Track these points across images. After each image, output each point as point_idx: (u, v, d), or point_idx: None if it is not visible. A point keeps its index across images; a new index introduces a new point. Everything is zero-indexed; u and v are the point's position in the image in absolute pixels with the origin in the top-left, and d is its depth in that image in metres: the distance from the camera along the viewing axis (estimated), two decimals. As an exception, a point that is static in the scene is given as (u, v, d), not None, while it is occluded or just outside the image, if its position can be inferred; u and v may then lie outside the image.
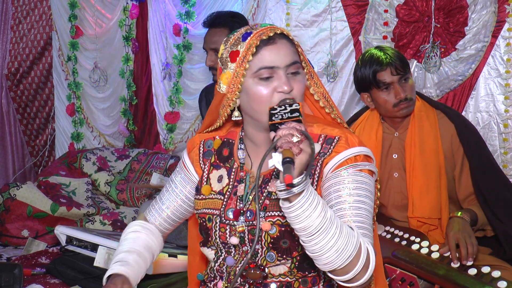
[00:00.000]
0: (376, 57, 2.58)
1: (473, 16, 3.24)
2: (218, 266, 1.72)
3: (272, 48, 1.60)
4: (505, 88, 3.19)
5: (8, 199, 3.74)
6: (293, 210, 1.40)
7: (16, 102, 5.34)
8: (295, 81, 1.60)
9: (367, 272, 1.46)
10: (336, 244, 1.41)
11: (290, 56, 1.60)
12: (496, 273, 2.17)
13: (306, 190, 1.40)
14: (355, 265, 1.44)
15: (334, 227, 1.42)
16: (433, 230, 2.59)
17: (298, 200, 1.39)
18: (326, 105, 1.70)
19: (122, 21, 4.64)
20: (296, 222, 1.42)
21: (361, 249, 1.44)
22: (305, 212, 1.40)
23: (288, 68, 1.59)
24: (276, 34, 1.61)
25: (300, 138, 1.40)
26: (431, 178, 2.58)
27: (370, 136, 2.71)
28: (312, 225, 1.40)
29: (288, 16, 3.83)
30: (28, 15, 5.23)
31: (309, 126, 1.68)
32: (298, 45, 1.65)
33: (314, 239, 1.42)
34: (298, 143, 1.39)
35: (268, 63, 1.59)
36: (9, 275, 2.56)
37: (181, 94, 4.46)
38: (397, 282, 2.29)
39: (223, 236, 1.69)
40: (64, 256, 2.89)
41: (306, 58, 1.68)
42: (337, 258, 1.42)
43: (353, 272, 1.44)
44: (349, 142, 1.62)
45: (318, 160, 1.63)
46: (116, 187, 4.11)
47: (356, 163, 1.58)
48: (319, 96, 1.69)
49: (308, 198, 1.40)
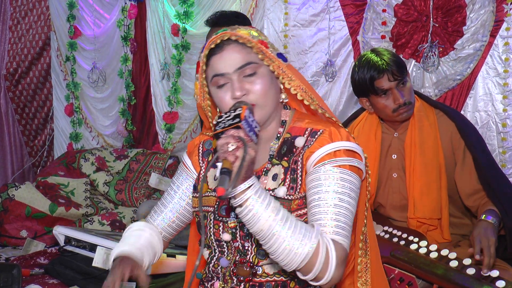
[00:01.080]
0: (372, 63, 2.55)
1: (471, 15, 3.24)
2: (213, 267, 1.73)
3: (220, 56, 1.62)
4: (503, 88, 3.19)
5: (6, 200, 3.74)
6: (244, 215, 1.44)
7: (15, 102, 5.34)
8: (252, 83, 1.61)
9: (328, 269, 1.45)
10: (290, 245, 1.43)
11: (239, 59, 1.61)
12: (494, 272, 2.17)
13: (255, 193, 1.43)
14: (314, 263, 1.44)
15: (287, 227, 1.43)
16: (432, 230, 2.58)
17: (246, 205, 1.43)
18: (304, 97, 1.66)
19: (120, 21, 4.64)
20: (250, 226, 1.46)
21: (319, 247, 1.44)
22: (254, 216, 1.43)
23: (240, 71, 1.61)
24: (223, 41, 1.62)
25: (235, 146, 1.42)
26: (431, 178, 2.57)
27: (369, 136, 2.70)
28: (263, 228, 1.43)
29: (286, 15, 3.83)
30: (26, 16, 5.23)
31: (298, 121, 1.69)
32: (257, 43, 1.62)
33: (268, 242, 1.45)
34: (234, 151, 1.42)
35: (218, 70, 1.62)
36: (7, 275, 2.56)
37: (179, 94, 4.46)
38: (395, 282, 2.29)
39: (216, 233, 1.70)
40: (62, 256, 2.89)
41: (271, 55, 1.64)
42: (293, 259, 1.44)
43: (314, 271, 1.44)
44: (333, 136, 1.61)
45: (300, 153, 1.63)
46: (114, 187, 4.11)
47: (335, 158, 1.57)
48: (295, 89, 1.66)
49: (256, 201, 1.43)
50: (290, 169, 1.64)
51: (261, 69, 1.63)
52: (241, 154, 1.41)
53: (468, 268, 2.21)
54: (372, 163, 2.66)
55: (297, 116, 1.73)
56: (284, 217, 1.45)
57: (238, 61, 1.61)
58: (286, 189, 1.61)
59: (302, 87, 1.66)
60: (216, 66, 1.63)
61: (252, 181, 1.44)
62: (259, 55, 1.62)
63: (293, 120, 1.71)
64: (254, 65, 1.61)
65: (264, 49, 1.63)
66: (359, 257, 1.73)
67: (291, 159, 1.64)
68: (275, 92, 1.67)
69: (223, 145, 1.43)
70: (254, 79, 1.61)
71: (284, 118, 1.72)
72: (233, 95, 1.59)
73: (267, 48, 1.64)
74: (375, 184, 2.67)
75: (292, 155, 1.65)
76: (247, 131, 1.47)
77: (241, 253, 1.67)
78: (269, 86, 1.63)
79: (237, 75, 1.61)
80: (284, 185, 1.62)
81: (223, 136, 1.45)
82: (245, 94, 1.60)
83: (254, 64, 1.61)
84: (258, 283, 1.65)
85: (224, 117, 1.51)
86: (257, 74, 1.62)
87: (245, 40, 1.61)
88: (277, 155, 1.68)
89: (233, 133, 1.45)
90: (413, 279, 2.25)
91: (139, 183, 4.18)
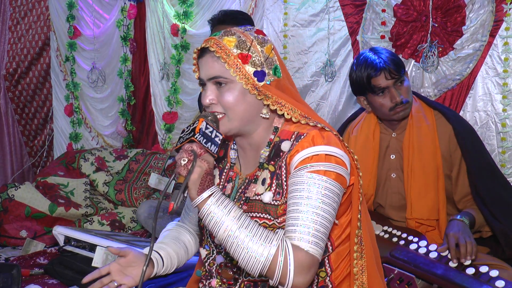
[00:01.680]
0: (370, 62, 2.55)
1: (471, 15, 3.24)
2: (209, 266, 1.75)
3: (200, 62, 1.68)
4: (503, 88, 3.19)
5: (6, 200, 3.74)
6: (208, 222, 1.50)
7: (15, 103, 5.34)
8: (222, 94, 1.64)
9: (287, 274, 1.47)
10: (250, 250, 1.46)
11: (211, 70, 1.64)
12: (494, 272, 2.17)
13: (215, 202, 1.49)
14: (274, 269, 1.47)
15: (246, 233, 1.48)
16: (430, 231, 2.58)
17: (207, 214, 1.50)
18: (284, 110, 1.65)
19: (120, 22, 4.64)
20: (215, 234, 1.51)
21: (278, 252, 1.46)
22: (216, 224, 1.49)
23: (212, 81, 1.65)
24: (204, 49, 1.66)
25: (187, 159, 1.48)
26: (429, 179, 2.57)
27: (368, 136, 2.70)
28: (224, 234, 1.49)
29: (286, 16, 3.83)
30: (26, 16, 5.23)
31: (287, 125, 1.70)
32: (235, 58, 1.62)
33: (230, 248, 1.49)
34: (186, 165, 1.48)
35: (199, 75, 1.69)
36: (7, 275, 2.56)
37: (179, 94, 4.46)
38: (395, 282, 2.29)
39: (212, 236, 1.73)
40: (62, 256, 2.89)
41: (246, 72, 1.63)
42: (253, 265, 1.47)
43: (275, 277, 1.47)
44: (315, 139, 1.60)
45: (284, 158, 1.64)
46: (114, 188, 4.11)
47: (312, 163, 1.56)
48: (273, 105, 1.65)
49: (217, 208, 1.49)
50: (275, 174, 1.64)
51: (233, 83, 1.64)
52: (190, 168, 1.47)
53: (468, 268, 2.22)
54: (371, 163, 2.66)
55: (288, 119, 1.73)
56: (245, 223, 1.49)
57: (211, 72, 1.64)
58: (272, 194, 1.63)
59: (280, 101, 1.65)
60: (199, 69, 1.70)
61: (212, 191, 1.50)
62: (231, 71, 1.62)
63: (284, 124, 1.72)
64: (223, 79, 1.63)
65: (240, 65, 1.62)
66: (354, 259, 1.73)
67: (277, 164, 1.65)
68: (250, 106, 1.66)
69: (178, 160, 1.51)
70: (224, 91, 1.64)
71: (276, 125, 1.72)
72: (203, 102, 1.65)
73: (245, 63, 1.63)
74: (374, 184, 2.67)
75: (278, 160, 1.65)
76: (203, 143, 1.52)
77: (228, 256, 1.69)
78: (239, 100, 1.64)
79: (211, 83, 1.65)
80: (270, 191, 1.63)
81: (180, 151, 1.53)
82: (214, 104, 1.65)
83: (222, 78, 1.63)
84: (253, 282, 1.66)
85: (184, 132, 1.57)
86: (227, 87, 1.64)
87: (222, 53, 1.62)
88: (267, 160, 1.68)
89: (186, 148, 1.52)
90: (412, 279, 2.25)
91: (138, 183, 4.18)
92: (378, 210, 2.74)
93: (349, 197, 1.68)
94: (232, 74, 1.62)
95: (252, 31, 1.69)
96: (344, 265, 1.73)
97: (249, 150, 1.73)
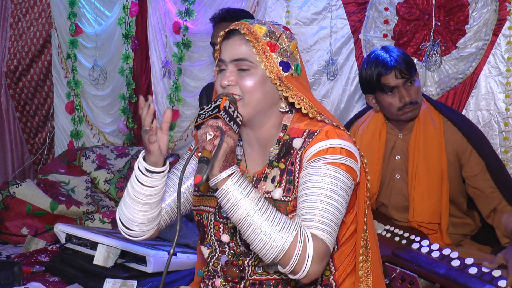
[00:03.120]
0: (381, 60, 2.53)
1: (474, 14, 3.23)
2: (213, 266, 1.73)
3: (226, 43, 1.67)
4: (506, 87, 3.18)
5: (7, 197, 3.73)
6: (224, 203, 1.46)
7: (16, 100, 5.33)
8: (242, 77, 1.63)
9: (305, 263, 1.44)
10: (267, 235, 1.43)
11: (237, 52, 1.64)
12: (496, 272, 2.16)
13: (235, 182, 1.46)
14: (291, 256, 1.44)
15: (265, 218, 1.44)
16: (432, 234, 2.58)
17: (225, 194, 1.46)
18: (302, 105, 1.66)
19: (121, 19, 4.63)
20: (230, 215, 1.47)
21: (296, 239, 1.44)
22: (233, 205, 1.45)
23: (235, 63, 1.64)
24: (233, 30, 1.65)
25: (213, 134, 1.46)
26: (433, 183, 2.56)
27: (374, 135, 2.69)
28: (241, 217, 1.44)
29: (288, 14, 3.82)
30: (27, 13, 5.22)
31: (297, 123, 1.70)
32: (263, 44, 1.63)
33: (246, 232, 1.46)
34: (212, 140, 1.46)
35: (221, 56, 1.68)
36: (8, 273, 2.56)
37: (180, 92, 4.45)
38: (397, 281, 2.29)
39: (217, 234, 1.71)
40: (63, 254, 2.88)
41: (273, 61, 1.64)
42: (269, 250, 1.44)
43: (290, 264, 1.44)
44: (329, 133, 1.61)
45: (298, 154, 1.63)
46: (115, 185, 4.10)
47: (327, 155, 1.57)
48: (292, 97, 1.66)
49: (236, 190, 1.45)
50: (286, 170, 1.64)
51: (256, 69, 1.64)
52: (218, 143, 1.44)
53: (470, 268, 2.21)
54: (376, 162, 2.65)
55: (297, 117, 1.73)
56: (263, 207, 1.46)
57: (236, 54, 1.64)
58: (282, 190, 1.62)
59: (299, 95, 1.66)
60: (221, 51, 1.68)
61: (232, 170, 1.47)
62: (257, 56, 1.62)
63: (292, 122, 1.71)
64: (248, 63, 1.63)
65: (267, 52, 1.63)
66: (360, 262, 1.73)
67: (288, 161, 1.64)
68: (267, 96, 1.66)
69: (202, 135, 1.48)
70: (245, 75, 1.63)
71: (285, 122, 1.72)
72: (222, 82, 1.64)
73: (272, 51, 1.64)
74: (377, 184, 2.67)
75: (289, 157, 1.65)
76: (227, 121, 1.51)
77: (235, 255, 1.67)
78: (258, 86, 1.64)
79: (233, 66, 1.64)
80: (280, 187, 1.62)
81: (202, 126, 1.50)
82: (232, 85, 1.63)
83: (248, 62, 1.63)
84: (259, 281, 1.66)
85: (205, 109, 1.55)
86: (249, 71, 1.64)
87: (251, 37, 1.62)
88: (277, 158, 1.68)
89: (211, 123, 1.50)
90: (414, 278, 2.25)
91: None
92: (381, 209, 2.74)
93: (354, 194, 1.68)
94: (258, 60, 1.63)
95: (280, 26, 1.73)
96: (347, 263, 1.73)
97: (256, 146, 1.72)
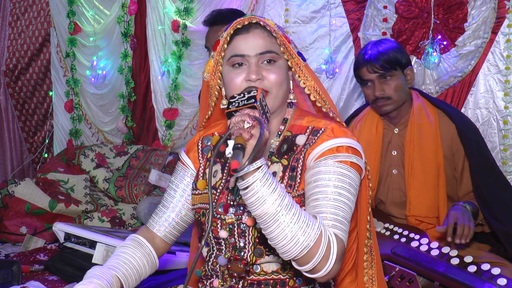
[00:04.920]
0: (360, 53, 2.64)
1: (473, 12, 3.23)
2: (212, 266, 1.73)
3: (244, 37, 1.63)
4: (505, 85, 3.18)
5: (6, 196, 3.73)
6: (250, 196, 1.42)
7: (15, 99, 5.33)
8: (269, 71, 1.62)
9: (328, 261, 1.43)
10: (292, 232, 1.41)
11: (262, 45, 1.62)
12: (495, 270, 2.16)
13: (262, 176, 1.41)
14: (314, 254, 1.42)
15: (291, 214, 1.42)
16: (431, 228, 2.58)
17: (253, 186, 1.41)
18: (317, 98, 1.67)
19: (120, 17, 4.62)
20: (253, 209, 1.43)
21: (321, 238, 1.43)
22: (259, 198, 1.41)
23: (260, 57, 1.62)
24: (251, 24, 1.63)
25: (251, 123, 1.42)
26: (429, 177, 2.57)
27: (371, 131, 2.70)
28: (267, 212, 1.41)
29: (287, 12, 3.82)
30: (26, 12, 5.22)
31: (298, 119, 1.69)
32: (282, 36, 1.65)
33: (270, 227, 1.42)
34: (249, 129, 1.42)
35: (238, 51, 1.63)
36: (7, 272, 2.55)
37: (179, 90, 4.45)
38: (396, 279, 2.29)
39: (215, 231, 1.70)
40: (62, 253, 2.88)
41: (292, 51, 1.66)
42: (293, 247, 1.42)
43: (313, 262, 1.42)
44: (335, 132, 1.62)
45: (302, 152, 1.63)
46: (114, 184, 4.10)
47: (337, 153, 1.57)
48: (309, 89, 1.67)
49: (263, 184, 1.41)
50: (289, 166, 1.63)
51: (280, 61, 1.65)
52: (257, 133, 1.41)
53: (470, 266, 2.21)
54: (373, 158, 2.66)
55: (298, 114, 1.73)
56: (289, 204, 1.43)
57: (261, 46, 1.62)
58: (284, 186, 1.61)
59: (316, 88, 1.67)
60: (238, 46, 1.64)
61: (261, 163, 1.42)
62: (281, 47, 1.63)
63: (293, 118, 1.71)
64: (275, 55, 1.63)
65: (286, 43, 1.65)
66: (364, 269, 1.73)
67: (291, 157, 1.64)
68: (287, 88, 1.68)
69: (238, 122, 1.44)
70: (271, 68, 1.63)
71: (286, 116, 1.72)
72: (248, 77, 1.60)
73: (289, 43, 1.66)
74: (376, 180, 2.67)
75: (293, 153, 1.64)
76: (261, 113, 1.48)
77: (236, 249, 1.67)
78: (283, 78, 1.65)
79: (257, 59, 1.62)
80: (282, 183, 1.62)
81: (238, 114, 1.46)
82: (260, 79, 1.61)
83: (275, 54, 1.63)
84: (257, 281, 1.65)
85: (237, 98, 1.51)
86: (275, 64, 1.63)
87: (272, 29, 1.62)
88: (277, 153, 1.67)
89: (248, 112, 1.46)
90: (414, 276, 2.25)
91: (139, 180, 4.17)
92: (379, 207, 2.74)
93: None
94: (282, 51, 1.62)
95: None
96: (346, 260, 1.73)
97: None
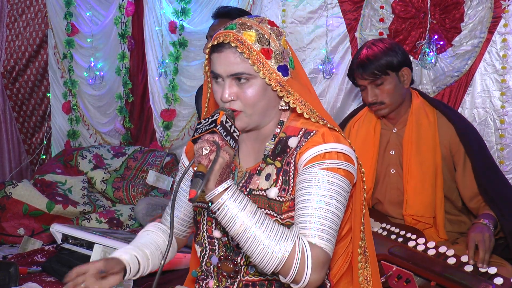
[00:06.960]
0: (355, 57, 2.60)
1: (469, 12, 3.24)
2: (206, 266, 1.73)
3: (218, 56, 1.61)
4: (501, 84, 3.18)
5: (4, 197, 3.73)
6: (222, 217, 1.47)
7: (12, 100, 5.33)
8: (243, 89, 1.60)
9: (305, 271, 1.45)
10: (266, 247, 1.44)
11: (234, 66, 1.59)
12: (492, 269, 2.17)
13: (231, 197, 1.46)
14: (290, 266, 1.44)
15: (263, 229, 1.45)
16: (427, 228, 2.58)
17: (223, 207, 1.46)
18: (304, 110, 1.64)
19: (117, 19, 4.63)
20: (228, 228, 1.48)
21: (295, 249, 1.44)
22: (231, 219, 1.46)
23: (232, 77, 1.60)
24: (222, 43, 1.60)
25: (209, 149, 1.46)
26: (426, 176, 2.56)
27: (369, 131, 2.70)
28: (239, 231, 1.45)
29: (283, 12, 3.82)
30: (23, 13, 5.21)
31: (293, 121, 1.69)
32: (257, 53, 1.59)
33: (245, 245, 1.46)
34: (208, 155, 1.45)
35: (215, 69, 1.63)
36: (4, 273, 2.55)
37: (177, 91, 4.46)
38: (393, 279, 2.29)
39: (209, 230, 1.71)
40: (60, 254, 2.88)
41: (270, 67, 1.60)
42: (269, 261, 1.44)
43: (291, 274, 1.45)
44: (325, 137, 1.59)
45: (293, 154, 1.63)
46: (112, 185, 4.10)
47: (325, 160, 1.55)
48: (294, 102, 1.63)
49: (232, 204, 1.46)
50: (282, 170, 1.63)
51: (256, 79, 1.60)
52: (213, 157, 1.45)
53: (466, 265, 2.21)
54: (371, 158, 2.66)
55: (294, 115, 1.72)
56: (260, 219, 1.46)
57: (232, 68, 1.59)
58: (277, 190, 1.61)
59: (301, 100, 1.64)
60: (214, 64, 1.63)
61: (228, 184, 1.47)
62: (254, 67, 1.59)
63: (289, 119, 1.71)
64: (247, 75, 1.59)
65: (263, 60, 1.59)
66: (359, 269, 1.73)
67: (284, 160, 1.64)
68: (269, 102, 1.64)
69: (198, 149, 1.48)
70: (245, 87, 1.60)
71: (282, 118, 1.71)
72: (222, 97, 1.61)
73: (268, 58, 1.60)
74: (373, 179, 2.67)
75: (285, 156, 1.64)
76: (224, 136, 1.50)
77: (228, 249, 1.67)
78: (260, 96, 1.61)
79: (230, 79, 1.61)
80: (276, 186, 1.62)
81: (199, 141, 1.50)
82: (233, 100, 1.61)
83: (246, 75, 1.59)
84: (251, 282, 1.65)
85: (202, 123, 1.55)
86: (249, 83, 1.60)
87: (244, 49, 1.57)
88: (272, 155, 1.67)
89: (208, 138, 1.49)
90: (410, 276, 2.25)
91: (136, 181, 4.17)
92: (377, 207, 2.74)
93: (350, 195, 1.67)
94: (256, 70, 1.58)
95: (265, 23, 1.66)
96: (342, 262, 1.73)
97: (251, 142, 1.71)
